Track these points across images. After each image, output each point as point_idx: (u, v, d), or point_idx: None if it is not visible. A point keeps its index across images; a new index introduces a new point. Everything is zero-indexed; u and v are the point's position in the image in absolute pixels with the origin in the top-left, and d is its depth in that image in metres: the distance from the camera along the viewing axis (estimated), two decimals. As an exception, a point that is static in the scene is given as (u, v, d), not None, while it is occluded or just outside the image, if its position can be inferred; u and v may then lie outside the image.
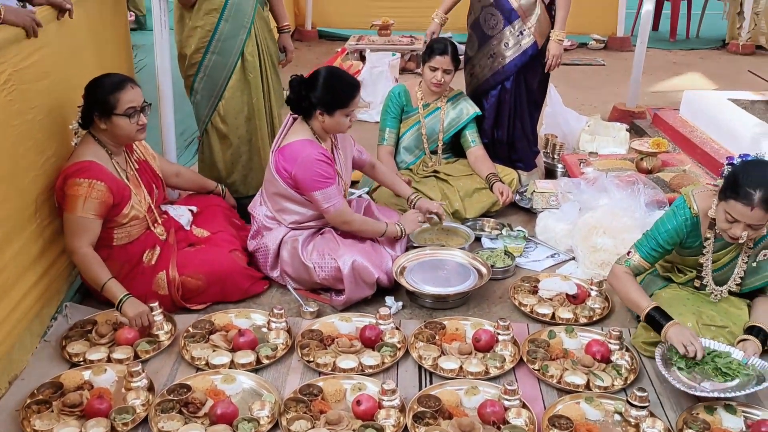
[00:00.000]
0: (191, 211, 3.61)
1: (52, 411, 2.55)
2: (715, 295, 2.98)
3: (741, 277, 2.93)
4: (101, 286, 3.01)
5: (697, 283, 3.05)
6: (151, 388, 2.70)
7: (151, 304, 3.04)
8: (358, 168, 3.79)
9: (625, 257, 3.03)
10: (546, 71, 4.39)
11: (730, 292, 2.98)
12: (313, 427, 2.50)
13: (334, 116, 3.29)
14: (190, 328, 3.05)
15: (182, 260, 3.25)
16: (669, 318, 2.81)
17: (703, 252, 2.94)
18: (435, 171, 4.24)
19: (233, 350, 2.92)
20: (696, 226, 2.92)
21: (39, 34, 2.84)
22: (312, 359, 2.88)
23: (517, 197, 4.31)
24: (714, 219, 2.81)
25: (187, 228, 3.49)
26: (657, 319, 2.82)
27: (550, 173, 4.75)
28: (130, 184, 3.19)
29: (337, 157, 3.48)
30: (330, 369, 2.84)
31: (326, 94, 3.25)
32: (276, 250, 3.40)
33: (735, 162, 2.79)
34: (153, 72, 3.92)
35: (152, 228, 3.30)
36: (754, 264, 2.91)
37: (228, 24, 3.74)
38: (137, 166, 3.30)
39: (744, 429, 2.58)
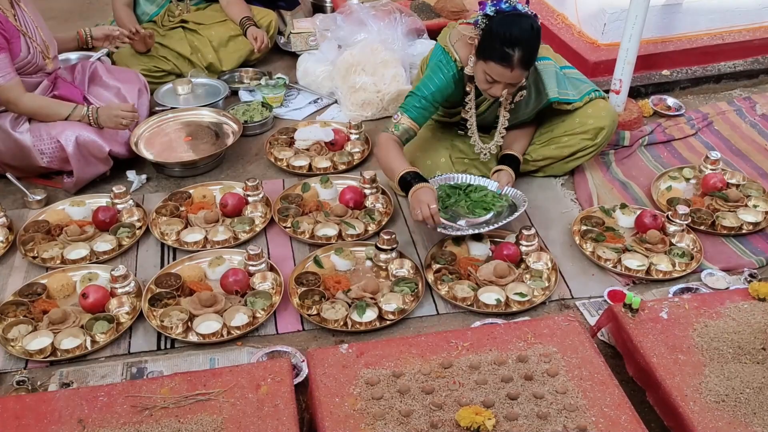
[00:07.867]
0: None
1: None
2: (484, 154, 2.85)
3: (505, 128, 2.82)
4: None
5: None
6: None
7: None
8: None
9: (393, 123, 2.75)
10: None
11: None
12: (35, 330, 2.25)
13: None
14: None
15: None
16: (422, 180, 2.60)
17: (466, 108, 2.80)
18: (183, 21, 3.75)
19: (-61, 259, 2.56)
20: (462, 80, 2.73)
21: None
22: (36, 254, 2.57)
23: (282, 40, 3.99)
24: (473, 75, 2.65)
25: None
26: (408, 181, 2.59)
27: (318, 10, 4.39)
28: None
29: (21, 15, 2.82)
30: (58, 262, 2.56)
31: None
32: None
33: (489, 11, 2.55)
34: None
35: None
36: (512, 105, 2.81)
37: None
38: None
39: (490, 254, 2.60)
